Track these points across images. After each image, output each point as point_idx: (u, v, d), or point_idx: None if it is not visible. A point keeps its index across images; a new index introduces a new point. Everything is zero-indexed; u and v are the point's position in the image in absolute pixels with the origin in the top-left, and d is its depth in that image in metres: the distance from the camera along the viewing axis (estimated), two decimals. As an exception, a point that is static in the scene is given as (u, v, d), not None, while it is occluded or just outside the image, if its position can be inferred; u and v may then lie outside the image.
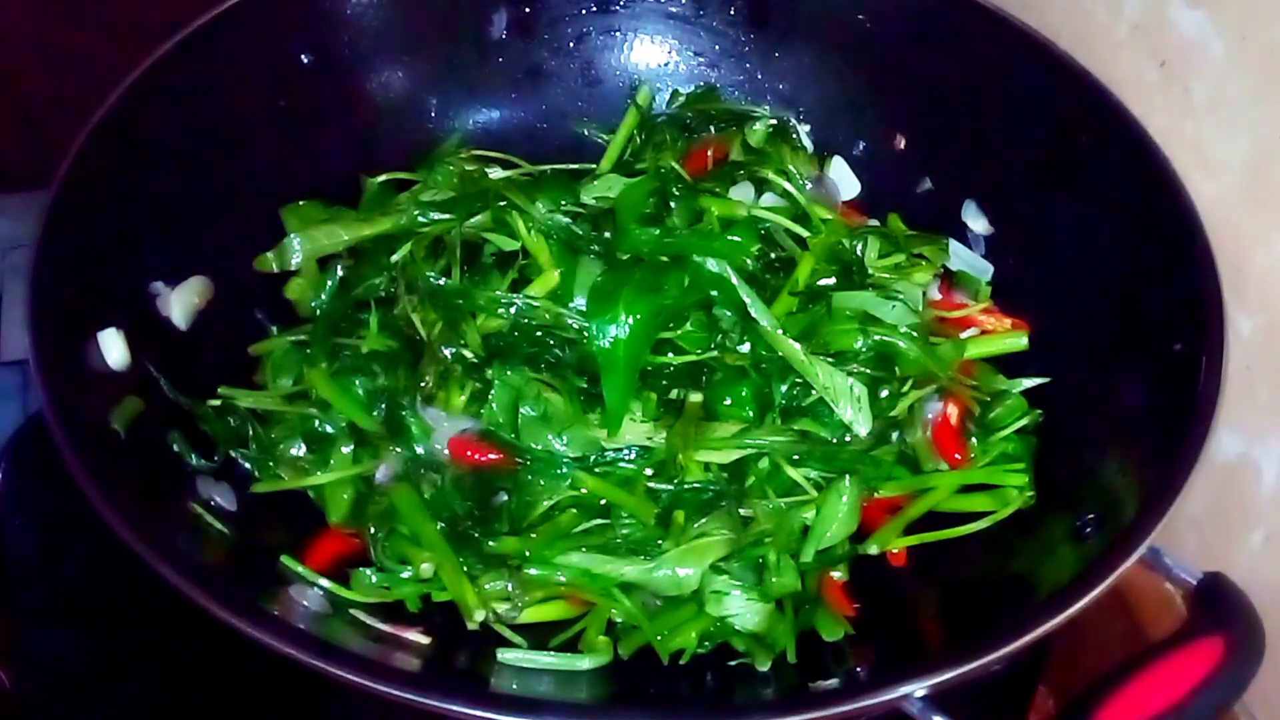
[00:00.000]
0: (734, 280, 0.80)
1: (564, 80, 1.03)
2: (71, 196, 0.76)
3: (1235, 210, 0.78)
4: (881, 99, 0.99)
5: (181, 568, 0.63)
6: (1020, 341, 0.86)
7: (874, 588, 0.79)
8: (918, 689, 0.59)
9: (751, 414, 0.79)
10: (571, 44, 1.02)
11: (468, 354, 0.80)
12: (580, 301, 0.81)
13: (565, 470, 0.77)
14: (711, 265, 0.81)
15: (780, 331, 0.79)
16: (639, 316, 0.78)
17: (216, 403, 0.81)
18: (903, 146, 0.99)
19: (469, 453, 0.79)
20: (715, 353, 0.81)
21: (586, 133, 1.03)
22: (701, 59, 1.03)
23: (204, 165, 0.86)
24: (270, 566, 0.74)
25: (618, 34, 1.03)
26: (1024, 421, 0.83)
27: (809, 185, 0.93)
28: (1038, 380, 0.84)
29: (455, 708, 0.59)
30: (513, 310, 0.81)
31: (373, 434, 0.80)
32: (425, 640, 0.72)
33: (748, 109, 1.01)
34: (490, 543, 0.75)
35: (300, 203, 0.90)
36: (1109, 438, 0.77)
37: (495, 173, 0.93)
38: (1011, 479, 0.80)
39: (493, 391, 0.78)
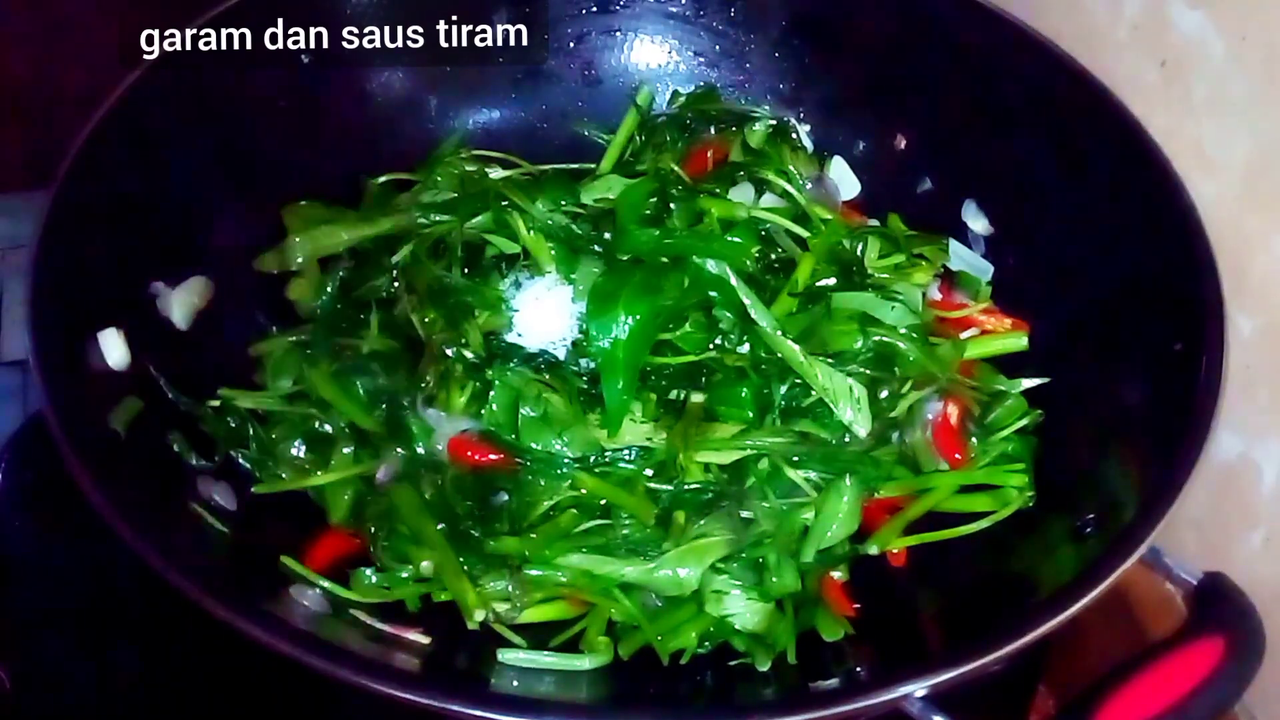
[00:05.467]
0: (733, 281, 0.80)
1: (564, 80, 1.03)
2: (71, 196, 0.76)
3: (1235, 210, 0.78)
4: (881, 99, 0.99)
5: (182, 568, 0.63)
6: (1020, 341, 0.86)
7: (874, 588, 0.79)
8: (918, 689, 0.59)
9: (751, 415, 0.79)
10: (571, 44, 1.02)
11: (468, 354, 0.80)
12: (580, 302, 0.81)
13: (565, 470, 0.77)
14: (711, 266, 0.81)
15: (780, 332, 0.79)
16: (639, 317, 0.78)
17: (216, 403, 0.81)
18: (903, 146, 0.99)
19: (469, 453, 0.78)
20: (715, 354, 0.81)
21: (586, 133, 1.03)
22: (701, 59, 1.03)
23: (204, 165, 0.86)
24: (270, 566, 0.74)
25: (618, 34, 1.03)
26: (1024, 421, 0.83)
27: (809, 185, 0.93)
28: (1038, 380, 0.84)
29: (455, 708, 0.59)
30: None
31: (373, 434, 0.80)
32: (425, 640, 0.72)
33: (748, 109, 1.00)
34: (490, 543, 0.75)
35: (301, 203, 0.90)
36: (1109, 438, 0.77)
37: (495, 173, 0.93)
38: (1011, 479, 0.80)
39: (493, 392, 0.79)
